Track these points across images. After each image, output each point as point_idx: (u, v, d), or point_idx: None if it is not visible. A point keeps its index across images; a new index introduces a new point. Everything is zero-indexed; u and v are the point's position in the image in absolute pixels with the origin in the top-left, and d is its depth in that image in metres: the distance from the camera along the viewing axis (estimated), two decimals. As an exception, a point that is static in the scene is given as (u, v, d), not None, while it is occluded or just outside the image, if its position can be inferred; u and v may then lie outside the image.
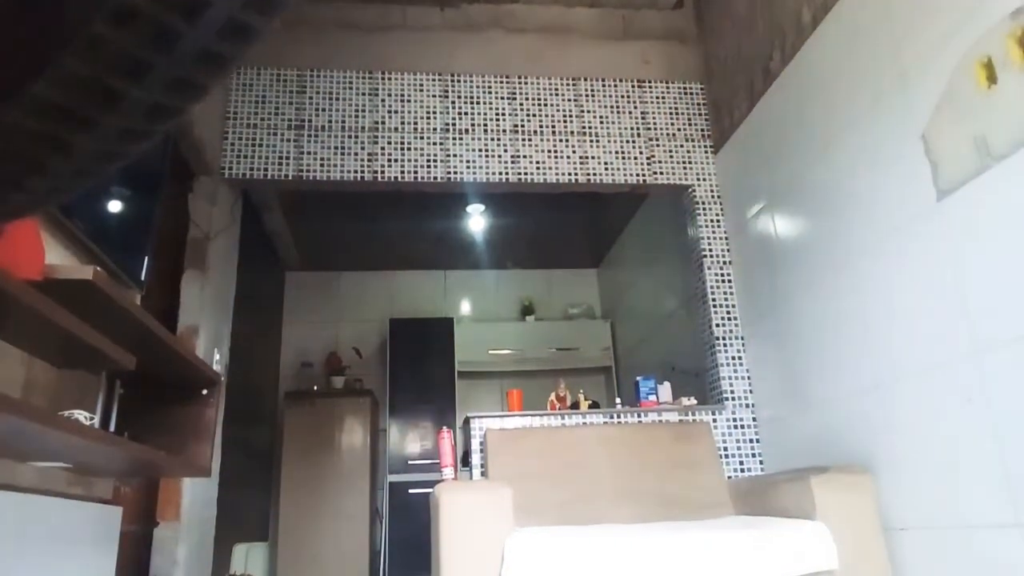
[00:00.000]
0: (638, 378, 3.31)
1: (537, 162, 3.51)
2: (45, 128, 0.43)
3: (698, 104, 3.75)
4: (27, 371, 1.69)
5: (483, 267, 5.94)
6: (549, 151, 3.54)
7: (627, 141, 3.61)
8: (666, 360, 4.37)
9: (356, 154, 3.39)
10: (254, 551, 4.16)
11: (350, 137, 3.42)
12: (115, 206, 2.15)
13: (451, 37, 3.71)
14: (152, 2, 0.39)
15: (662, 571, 2.05)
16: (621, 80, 3.73)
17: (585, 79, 3.70)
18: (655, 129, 3.67)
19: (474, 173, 3.45)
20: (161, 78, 0.42)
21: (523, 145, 3.53)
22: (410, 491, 4.83)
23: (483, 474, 2.90)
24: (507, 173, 3.48)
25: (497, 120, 3.56)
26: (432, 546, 2.32)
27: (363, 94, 3.51)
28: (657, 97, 3.73)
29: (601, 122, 3.63)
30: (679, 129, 3.69)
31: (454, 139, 3.49)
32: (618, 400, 3.67)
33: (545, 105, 3.63)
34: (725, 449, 3.14)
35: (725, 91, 3.54)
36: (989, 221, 1.90)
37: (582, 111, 3.64)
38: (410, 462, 5.05)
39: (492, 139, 3.52)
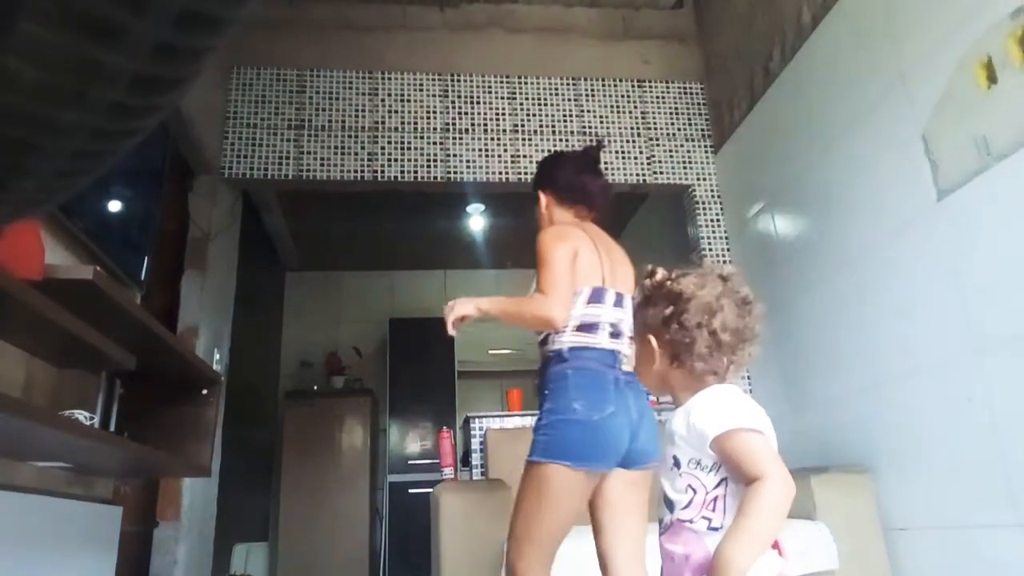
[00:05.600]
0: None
1: (537, 162, 3.50)
2: (7, 131, 0.42)
3: (698, 104, 3.75)
4: (27, 371, 1.69)
5: (483, 267, 5.93)
6: (549, 151, 3.53)
7: (627, 141, 3.61)
8: (666, 360, 4.36)
9: (356, 154, 3.39)
10: (254, 551, 4.16)
11: (350, 137, 3.42)
12: (115, 206, 2.15)
13: (451, 37, 3.71)
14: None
15: (662, 571, 2.04)
16: (621, 80, 3.72)
17: (585, 79, 3.70)
18: (655, 129, 3.66)
19: (474, 173, 3.45)
20: (117, 77, 0.40)
21: (523, 145, 3.53)
22: (410, 491, 4.83)
23: (483, 474, 2.90)
24: (507, 173, 3.47)
25: (497, 120, 3.56)
26: (432, 546, 2.31)
27: (363, 94, 3.50)
28: (657, 97, 3.73)
29: (601, 122, 3.63)
30: (679, 129, 3.68)
31: (454, 139, 3.49)
32: (618, 400, 3.66)
33: (545, 105, 3.62)
34: (725, 449, 3.14)
35: (725, 91, 3.53)
36: (989, 221, 1.90)
37: (582, 111, 3.64)
38: (410, 462, 5.05)
39: (492, 139, 3.52)
